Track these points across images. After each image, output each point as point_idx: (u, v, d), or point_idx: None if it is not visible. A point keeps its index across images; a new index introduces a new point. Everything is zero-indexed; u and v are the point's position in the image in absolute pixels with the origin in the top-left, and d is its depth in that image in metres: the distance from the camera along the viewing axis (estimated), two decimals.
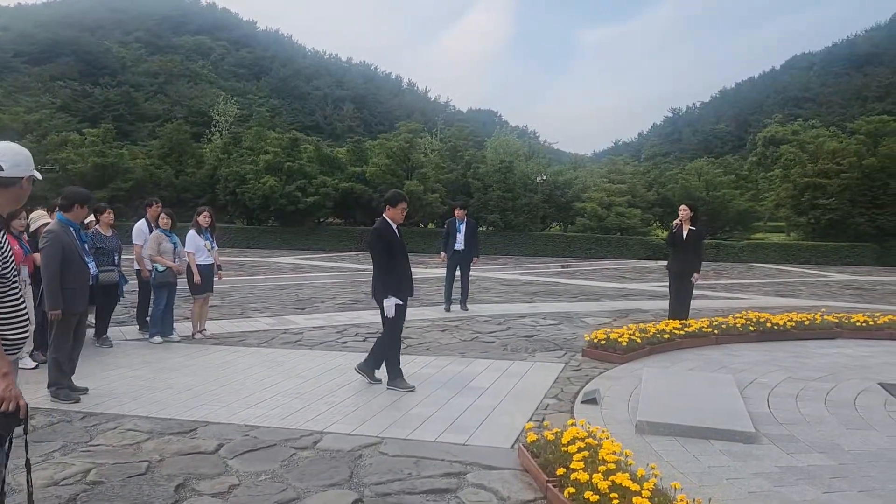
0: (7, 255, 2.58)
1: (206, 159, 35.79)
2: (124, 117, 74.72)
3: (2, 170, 2.56)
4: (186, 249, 8.39)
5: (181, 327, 8.80)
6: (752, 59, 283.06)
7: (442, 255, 11.87)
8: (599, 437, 4.07)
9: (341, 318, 10.35)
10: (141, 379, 6.44)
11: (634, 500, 3.27)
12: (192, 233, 8.44)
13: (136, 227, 8.89)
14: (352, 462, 4.33)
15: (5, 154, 2.60)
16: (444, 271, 12.01)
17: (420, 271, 17.72)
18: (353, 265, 21.71)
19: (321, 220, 33.53)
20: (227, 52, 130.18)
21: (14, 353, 2.63)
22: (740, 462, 4.35)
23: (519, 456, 4.36)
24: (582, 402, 5.72)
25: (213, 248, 8.58)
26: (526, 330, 9.55)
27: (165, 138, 38.33)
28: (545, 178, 33.08)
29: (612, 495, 3.32)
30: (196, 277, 8.30)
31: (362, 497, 3.79)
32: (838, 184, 29.24)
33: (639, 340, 7.65)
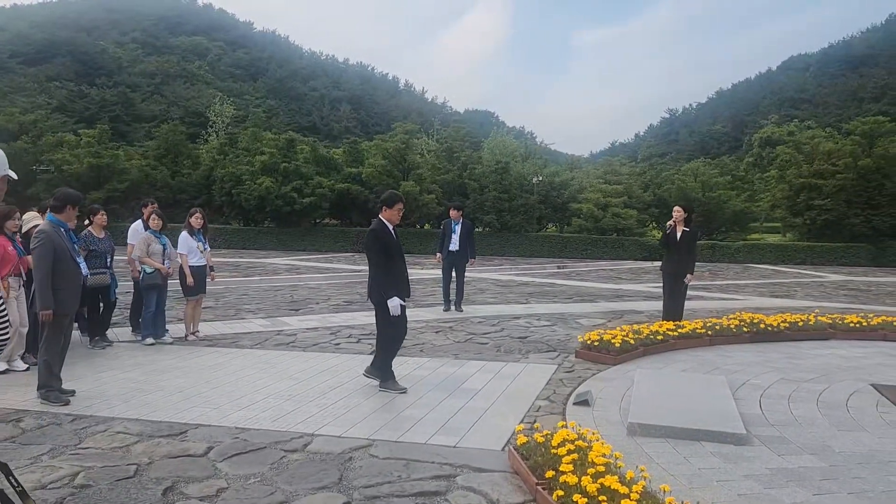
0: None
1: (202, 160, 35.72)
2: (121, 118, 74.67)
3: None
4: (179, 251, 8.36)
5: (174, 329, 8.79)
6: (749, 60, 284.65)
7: (438, 256, 11.87)
8: (589, 440, 4.06)
9: (335, 320, 10.33)
10: (132, 381, 6.42)
11: (623, 502, 3.26)
12: (184, 234, 8.41)
13: (132, 228, 8.90)
14: (342, 465, 4.31)
15: None
16: (439, 272, 12.03)
17: (416, 272, 17.70)
18: (349, 266, 21.69)
19: (317, 221, 33.49)
20: (223, 53, 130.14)
21: None
22: (731, 464, 4.34)
23: (509, 458, 4.35)
24: (574, 404, 5.71)
25: (205, 249, 8.56)
26: (520, 331, 9.54)
27: (161, 139, 38.30)
28: (541, 178, 33.07)
29: (601, 498, 3.31)
30: (188, 279, 8.27)
31: (351, 500, 3.77)
32: (834, 185, 29.27)
33: (632, 342, 7.64)
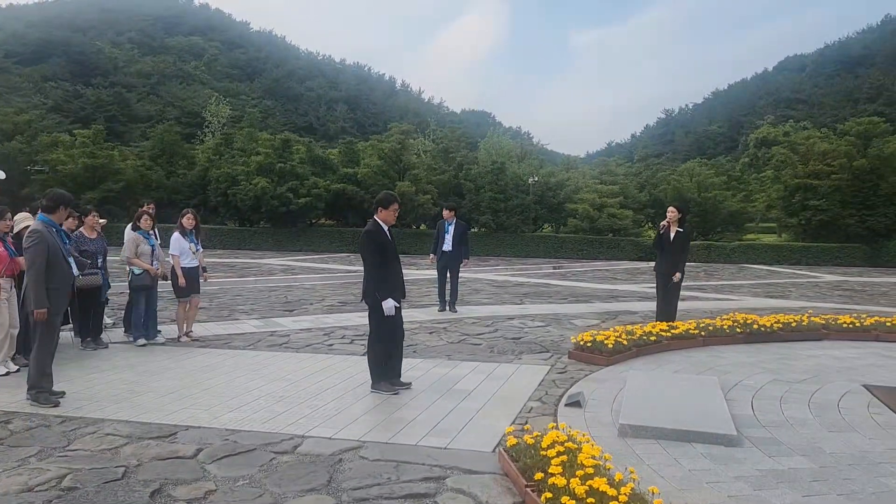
0: None
1: (197, 160, 35.66)
2: (116, 118, 74.34)
3: None
4: (171, 252, 8.32)
5: (168, 330, 8.76)
6: (745, 61, 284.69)
7: (431, 256, 11.86)
8: (579, 441, 4.05)
9: (329, 320, 10.30)
10: (123, 382, 6.39)
11: None
12: (176, 235, 8.36)
13: (128, 228, 8.85)
14: (331, 467, 4.30)
15: None
16: (434, 273, 12.02)
17: (411, 273, 17.68)
18: (344, 267, 21.65)
19: (313, 221, 33.46)
20: (220, 53, 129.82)
21: None
22: (721, 465, 4.33)
23: (499, 460, 4.33)
24: (566, 405, 5.70)
25: (197, 250, 8.51)
26: (514, 332, 9.53)
27: (156, 139, 38.26)
28: (537, 179, 33.09)
29: (589, 500, 3.30)
30: (180, 280, 8.24)
31: (340, 502, 3.76)
32: (829, 185, 29.35)
33: (625, 342, 7.63)
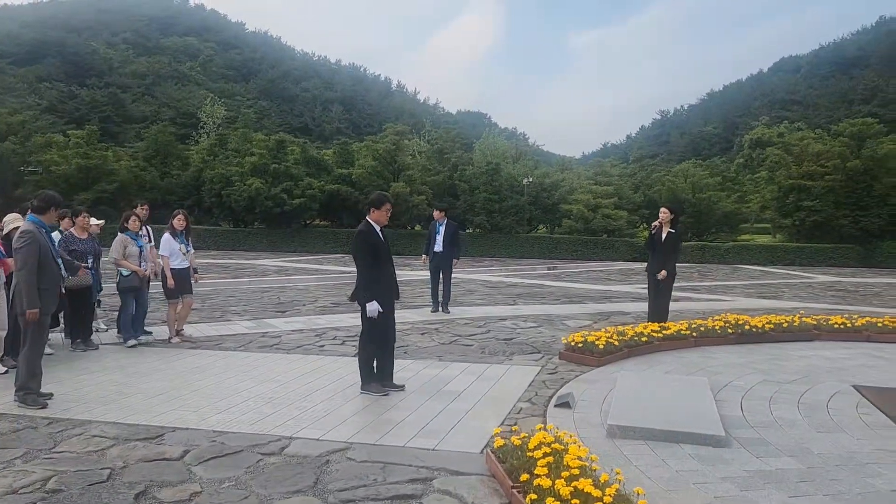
0: None
1: (191, 161, 35.57)
2: (111, 119, 74.13)
3: None
4: (161, 253, 8.29)
5: (158, 331, 8.73)
6: (740, 62, 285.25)
7: (423, 257, 11.85)
8: (566, 442, 4.04)
9: (321, 322, 10.28)
10: (112, 383, 6.37)
11: None
12: (166, 236, 8.33)
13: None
14: (318, 468, 4.28)
15: None
16: (428, 273, 12.02)
17: (405, 274, 17.65)
18: (338, 267, 21.62)
19: (307, 222, 33.41)
20: (215, 54, 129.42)
21: None
22: (709, 466, 4.33)
23: (486, 461, 4.33)
24: (555, 406, 5.69)
25: (188, 251, 8.49)
26: (506, 333, 9.52)
27: (150, 140, 38.14)
28: (532, 180, 33.10)
29: (574, 501, 3.30)
30: (169, 282, 8.21)
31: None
32: (823, 186, 29.43)
33: (616, 343, 7.62)
